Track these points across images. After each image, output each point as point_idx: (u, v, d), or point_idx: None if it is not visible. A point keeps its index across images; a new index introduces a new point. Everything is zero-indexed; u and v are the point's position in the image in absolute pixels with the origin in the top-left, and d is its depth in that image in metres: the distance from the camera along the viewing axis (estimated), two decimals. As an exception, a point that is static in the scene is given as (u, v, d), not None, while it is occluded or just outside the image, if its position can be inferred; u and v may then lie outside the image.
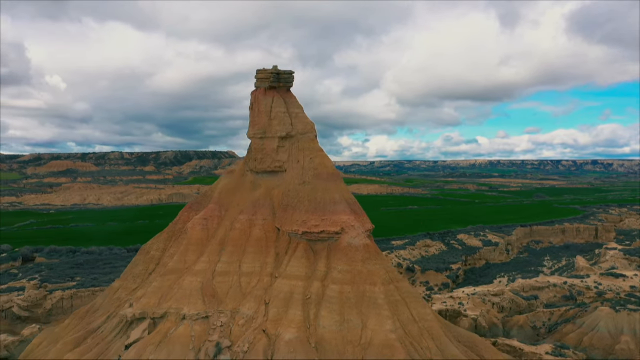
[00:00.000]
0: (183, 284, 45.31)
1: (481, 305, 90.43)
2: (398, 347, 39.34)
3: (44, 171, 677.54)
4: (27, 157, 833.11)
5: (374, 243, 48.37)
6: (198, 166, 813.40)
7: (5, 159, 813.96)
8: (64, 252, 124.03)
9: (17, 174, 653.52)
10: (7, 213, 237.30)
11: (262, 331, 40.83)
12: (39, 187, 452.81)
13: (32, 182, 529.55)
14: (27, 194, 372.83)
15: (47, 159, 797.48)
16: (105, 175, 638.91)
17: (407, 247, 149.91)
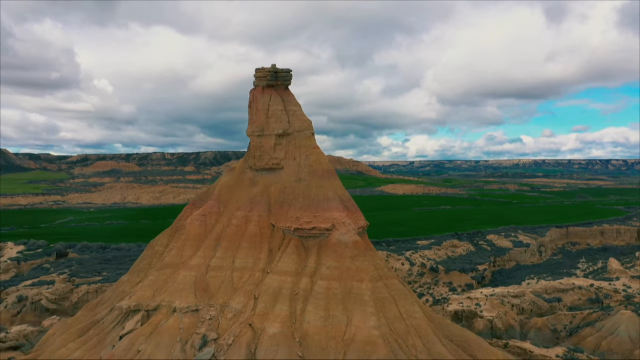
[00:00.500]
0: (177, 278, 46.56)
1: (499, 306, 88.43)
2: (380, 343, 39.21)
3: (90, 171, 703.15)
4: (75, 158, 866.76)
5: (365, 240, 48.30)
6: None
7: (55, 160, 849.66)
8: (95, 249, 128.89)
9: (66, 174, 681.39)
10: (51, 211, 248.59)
11: (248, 325, 41.53)
12: (84, 187, 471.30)
13: (78, 182, 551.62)
14: (72, 193, 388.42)
15: (94, 160, 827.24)
16: (147, 175, 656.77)
17: (432, 247, 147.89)
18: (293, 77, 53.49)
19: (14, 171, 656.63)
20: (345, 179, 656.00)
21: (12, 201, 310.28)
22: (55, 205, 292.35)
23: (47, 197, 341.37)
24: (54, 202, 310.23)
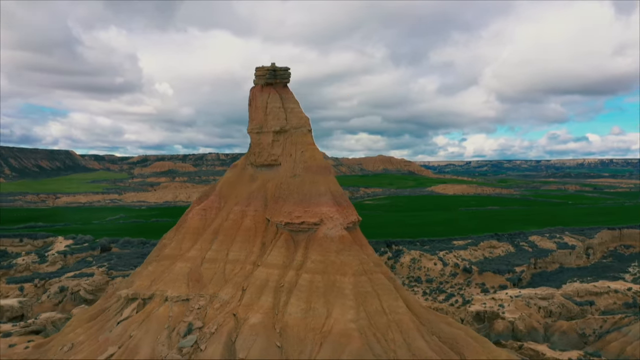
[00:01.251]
0: (174, 269, 48.74)
1: (524, 308, 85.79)
2: (355, 336, 39.58)
3: (149, 171, 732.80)
4: (136, 159, 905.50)
5: (356, 235, 48.72)
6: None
7: (117, 161, 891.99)
8: (136, 244, 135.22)
9: (126, 174, 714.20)
10: (105, 208, 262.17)
11: (232, 315, 42.97)
12: (141, 186, 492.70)
13: (136, 182, 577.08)
14: (129, 192, 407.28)
15: (153, 160, 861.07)
16: (201, 175, 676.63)
17: (468, 247, 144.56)
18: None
19: (79, 171, 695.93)
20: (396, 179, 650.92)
21: (73, 199, 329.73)
22: (112, 204, 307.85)
23: (106, 195, 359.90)
24: (110, 200, 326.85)
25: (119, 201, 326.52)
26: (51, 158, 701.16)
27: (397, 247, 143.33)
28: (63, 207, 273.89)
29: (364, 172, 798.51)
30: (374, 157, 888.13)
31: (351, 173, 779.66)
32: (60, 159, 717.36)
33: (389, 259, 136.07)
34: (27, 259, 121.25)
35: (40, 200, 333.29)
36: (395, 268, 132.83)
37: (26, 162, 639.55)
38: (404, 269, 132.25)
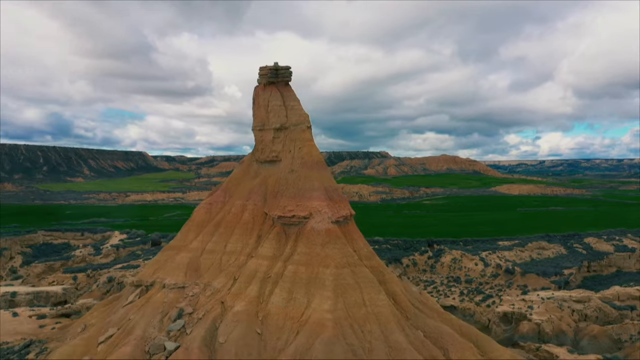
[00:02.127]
0: (176, 258, 51.84)
1: (555, 310, 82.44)
2: (329, 325, 40.63)
3: (215, 172, 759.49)
4: (204, 160, 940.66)
5: (347, 228, 49.61)
6: (349, 166, 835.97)
7: (186, 161, 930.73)
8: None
9: (193, 174, 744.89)
10: (167, 206, 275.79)
11: (220, 302, 45.27)
12: (206, 185, 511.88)
13: (201, 181, 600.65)
14: (193, 191, 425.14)
15: (219, 161, 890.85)
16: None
17: (514, 248, 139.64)
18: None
19: (151, 171, 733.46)
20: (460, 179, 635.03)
21: (140, 197, 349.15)
22: (174, 202, 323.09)
23: (171, 194, 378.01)
24: (174, 198, 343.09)
25: (182, 199, 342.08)
26: (126, 159, 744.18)
27: (439, 247, 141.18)
28: (129, 204, 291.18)
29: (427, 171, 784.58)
30: (437, 156, 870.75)
31: (413, 173, 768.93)
32: (134, 160, 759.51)
33: (429, 258, 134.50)
34: (84, 251, 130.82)
35: (111, 199, 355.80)
36: (435, 267, 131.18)
37: (103, 163, 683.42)
38: (444, 268, 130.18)
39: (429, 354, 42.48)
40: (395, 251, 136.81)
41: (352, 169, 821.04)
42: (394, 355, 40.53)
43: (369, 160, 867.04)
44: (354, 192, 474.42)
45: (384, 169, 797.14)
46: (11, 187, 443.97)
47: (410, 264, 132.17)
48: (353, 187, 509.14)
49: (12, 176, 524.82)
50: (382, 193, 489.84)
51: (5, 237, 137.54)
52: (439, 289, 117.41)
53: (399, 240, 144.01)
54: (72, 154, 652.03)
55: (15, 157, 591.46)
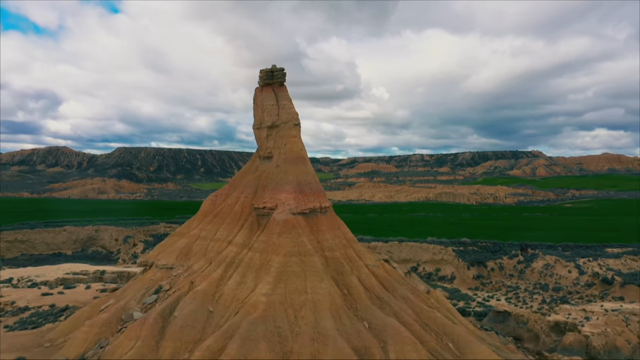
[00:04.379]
0: (176, 243, 58.79)
1: (618, 324, 73.32)
2: (260, 308, 43.69)
3: (353, 172, 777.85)
4: (345, 161, 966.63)
5: (314, 220, 51.83)
6: (492, 167, 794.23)
7: (330, 162, 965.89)
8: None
9: (333, 175, 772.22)
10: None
11: (190, 282, 50.88)
12: (340, 185, 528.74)
13: (338, 182, 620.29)
14: (328, 191, 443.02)
15: (360, 162, 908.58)
16: (399, 175, 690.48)
17: (623, 256, 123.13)
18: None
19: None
20: (622, 180, 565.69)
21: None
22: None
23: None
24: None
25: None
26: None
27: (533, 251, 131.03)
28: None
29: (584, 172, 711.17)
30: (597, 155, 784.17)
31: (567, 173, 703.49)
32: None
33: (519, 262, 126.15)
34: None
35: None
36: (524, 273, 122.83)
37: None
38: (534, 274, 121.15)
39: (362, 343, 43.14)
40: (482, 253, 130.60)
41: (496, 170, 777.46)
42: (319, 340, 42.17)
43: (516, 161, 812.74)
44: (489, 194, 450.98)
45: (532, 169, 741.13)
46: (172, 186, 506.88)
47: (495, 268, 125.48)
48: (490, 188, 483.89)
49: (175, 176, 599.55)
50: (521, 195, 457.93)
51: (132, 227, 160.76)
52: (520, 295, 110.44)
53: (488, 243, 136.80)
54: (225, 156, 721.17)
55: (178, 160, 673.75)
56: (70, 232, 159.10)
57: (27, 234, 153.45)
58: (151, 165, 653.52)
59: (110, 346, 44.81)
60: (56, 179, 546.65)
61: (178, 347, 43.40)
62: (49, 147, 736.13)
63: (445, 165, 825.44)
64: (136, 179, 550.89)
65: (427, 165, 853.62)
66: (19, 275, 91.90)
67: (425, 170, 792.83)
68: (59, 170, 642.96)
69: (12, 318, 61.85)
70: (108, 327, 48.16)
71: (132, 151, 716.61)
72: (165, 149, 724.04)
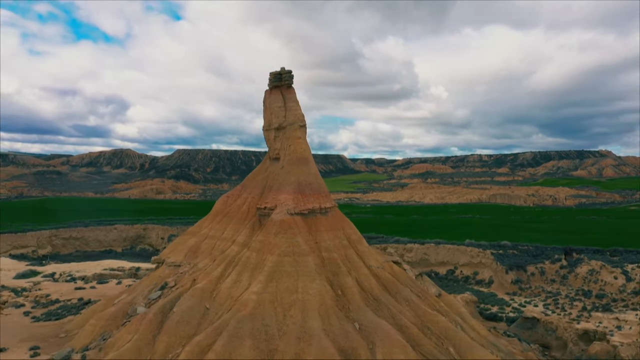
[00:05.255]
0: (187, 242, 60.86)
1: (653, 335, 68.33)
2: (250, 305, 44.61)
3: (407, 173, 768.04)
4: (400, 162, 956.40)
5: (313, 220, 52.24)
6: (555, 167, 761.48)
7: (384, 164, 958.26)
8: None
9: (386, 176, 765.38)
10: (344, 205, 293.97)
11: (193, 280, 52.64)
12: (390, 186, 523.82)
13: (390, 183, 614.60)
14: (374, 192, 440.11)
15: (415, 163, 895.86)
16: (455, 176, 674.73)
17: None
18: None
19: (347, 173, 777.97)
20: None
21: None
22: (350, 202, 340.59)
23: (350, 194, 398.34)
24: (349, 199, 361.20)
25: (357, 200, 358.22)
26: (325, 162, 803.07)
27: (578, 255, 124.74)
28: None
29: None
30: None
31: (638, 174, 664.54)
32: (333, 163, 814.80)
33: (562, 267, 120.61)
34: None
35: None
36: (567, 279, 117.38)
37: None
38: (577, 280, 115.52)
39: (348, 344, 43.16)
40: (522, 257, 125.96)
41: (559, 170, 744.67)
42: (304, 339, 42.58)
43: (581, 161, 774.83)
44: (548, 196, 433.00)
45: (599, 169, 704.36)
46: (227, 186, 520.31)
47: (536, 272, 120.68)
48: (550, 189, 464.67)
49: (230, 177, 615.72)
50: (584, 197, 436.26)
51: (177, 226, 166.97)
52: (560, 302, 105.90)
53: (529, 246, 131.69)
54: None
55: (234, 161, 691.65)
56: (120, 230, 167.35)
57: (81, 231, 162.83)
58: (208, 167, 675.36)
59: (112, 338, 47.21)
60: (119, 179, 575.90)
61: (172, 342, 45.05)
62: (115, 150, 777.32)
63: (504, 166, 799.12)
64: (193, 180, 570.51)
65: (485, 165, 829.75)
66: (62, 270, 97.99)
67: (482, 171, 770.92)
68: (122, 172, 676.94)
69: (42, 310, 66.19)
70: (114, 321, 50.68)
71: (190, 153, 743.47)
72: (222, 150, 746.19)
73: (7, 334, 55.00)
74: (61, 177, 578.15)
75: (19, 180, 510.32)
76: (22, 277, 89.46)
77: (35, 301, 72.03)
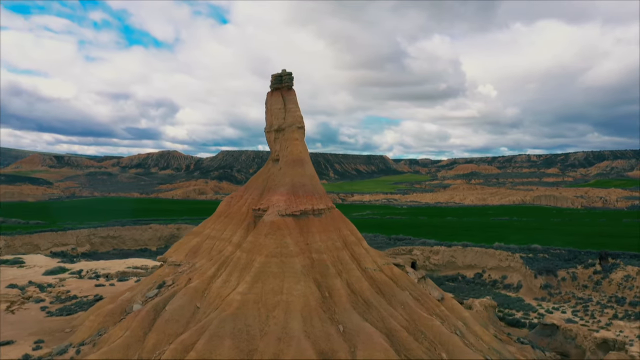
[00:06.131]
0: (189, 242, 62.18)
1: (678, 346, 64.32)
2: (233, 305, 45.12)
3: (451, 174, 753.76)
4: (445, 162, 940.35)
5: (305, 222, 52.27)
6: (608, 167, 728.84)
7: (429, 164, 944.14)
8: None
9: (429, 177, 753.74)
10: (372, 206, 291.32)
11: (188, 279, 53.76)
12: (432, 187, 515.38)
13: (432, 184, 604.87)
14: (417, 192, 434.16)
15: (460, 163, 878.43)
16: (500, 177, 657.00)
17: None
18: None
19: (390, 174, 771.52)
20: None
21: (359, 198, 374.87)
22: (387, 202, 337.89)
23: (389, 195, 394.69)
24: (387, 199, 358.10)
25: (395, 201, 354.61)
26: (368, 162, 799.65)
27: (614, 260, 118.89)
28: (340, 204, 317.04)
29: None
30: None
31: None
32: (375, 163, 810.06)
33: (595, 273, 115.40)
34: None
35: (340, 199, 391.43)
36: (601, 284, 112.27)
37: (347, 166, 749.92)
38: (612, 286, 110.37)
39: (329, 346, 43.01)
40: (553, 261, 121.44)
41: (612, 171, 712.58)
42: (284, 340, 42.73)
43: (637, 161, 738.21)
44: (598, 197, 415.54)
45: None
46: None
47: (567, 277, 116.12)
48: (601, 191, 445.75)
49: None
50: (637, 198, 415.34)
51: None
52: (590, 309, 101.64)
53: (562, 250, 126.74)
54: (321, 158, 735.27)
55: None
56: (155, 229, 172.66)
57: (118, 230, 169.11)
58: (250, 167, 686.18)
59: (106, 334, 48.89)
60: (165, 180, 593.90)
61: (161, 340, 46.14)
62: (162, 151, 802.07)
63: (554, 167, 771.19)
64: (236, 181, 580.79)
65: (534, 166, 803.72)
66: (90, 267, 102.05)
67: (530, 171, 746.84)
68: (169, 173, 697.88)
69: (58, 305, 69.26)
70: (111, 317, 52.42)
71: (233, 154, 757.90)
72: (264, 151, 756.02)
73: (19, 328, 57.92)
74: (111, 178, 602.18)
75: (72, 180, 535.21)
76: (50, 274, 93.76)
77: (56, 297, 75.41)
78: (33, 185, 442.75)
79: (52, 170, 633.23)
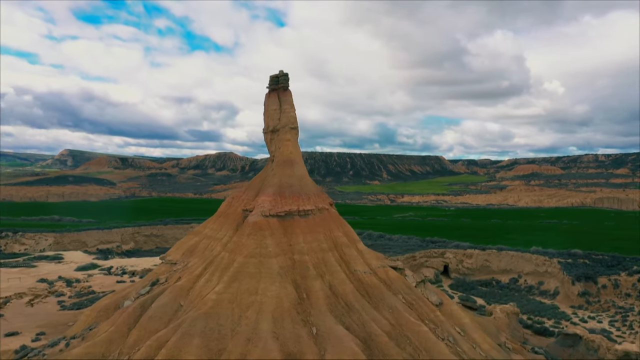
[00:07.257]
0: (188, 242, 63.43)
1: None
2: (208, 304, 45.53)
3: (510, 175, 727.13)
4: (505, 162, 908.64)
5: (290, 222, 52.02)
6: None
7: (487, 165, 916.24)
8: (375, 237, 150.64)
9: (487, 178, 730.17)
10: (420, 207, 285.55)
11: (178, 277, 54.88)
12: (488, 189, 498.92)
13: (489, 185, 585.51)
14: (470, 194, 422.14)
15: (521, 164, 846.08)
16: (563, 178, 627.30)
17: None
18: None
19: (445, 175, 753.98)
20: None
21: (409, 199, 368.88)
22: (436, 204, 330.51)
23: (441, 197, 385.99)
24: (436, 201, 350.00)
25: (444, 202, 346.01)
26: (422, 163, 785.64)
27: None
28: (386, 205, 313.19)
29: None
30: None
31: None
32: (430, 164, 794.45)
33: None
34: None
35: (389, 200, 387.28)
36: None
37: (401, 167, 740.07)
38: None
39: (298, 349, 42.57)
40: (594, 267, 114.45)
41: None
42: (252, 340, 42.71)
43: None
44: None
45: None
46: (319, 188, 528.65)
47: (608, 285, 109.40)
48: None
49: (325, 179, 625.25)
50: None
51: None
52: (629, 319, 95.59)
53: (605, 256, 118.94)
54: (374, 159, 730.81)
55: (329, 163, 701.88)
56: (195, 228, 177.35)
57: (160, 229, 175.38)
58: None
59: (95, 329, 50.74)
60: (221, 181, 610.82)
61: (142, 336, 47.30)
62: (219, 153, 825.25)
63: (624, 167, 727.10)
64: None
65: (602, 166, 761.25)
66: (120, 264, 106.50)
67: (597, 172, 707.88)
68: (224, 174, 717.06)
69: (75, 300, 72.68)
70: (105, 313, 54.36)
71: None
72: (317, 152, 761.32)
73: (30, 320, 61.26)
74: (170, 179, 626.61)
75: (134, 181, 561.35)
76: (81, 270, 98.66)
77: (78, 292, 79.21)
78: (97, 185, 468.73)
79: (117, 171, 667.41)
